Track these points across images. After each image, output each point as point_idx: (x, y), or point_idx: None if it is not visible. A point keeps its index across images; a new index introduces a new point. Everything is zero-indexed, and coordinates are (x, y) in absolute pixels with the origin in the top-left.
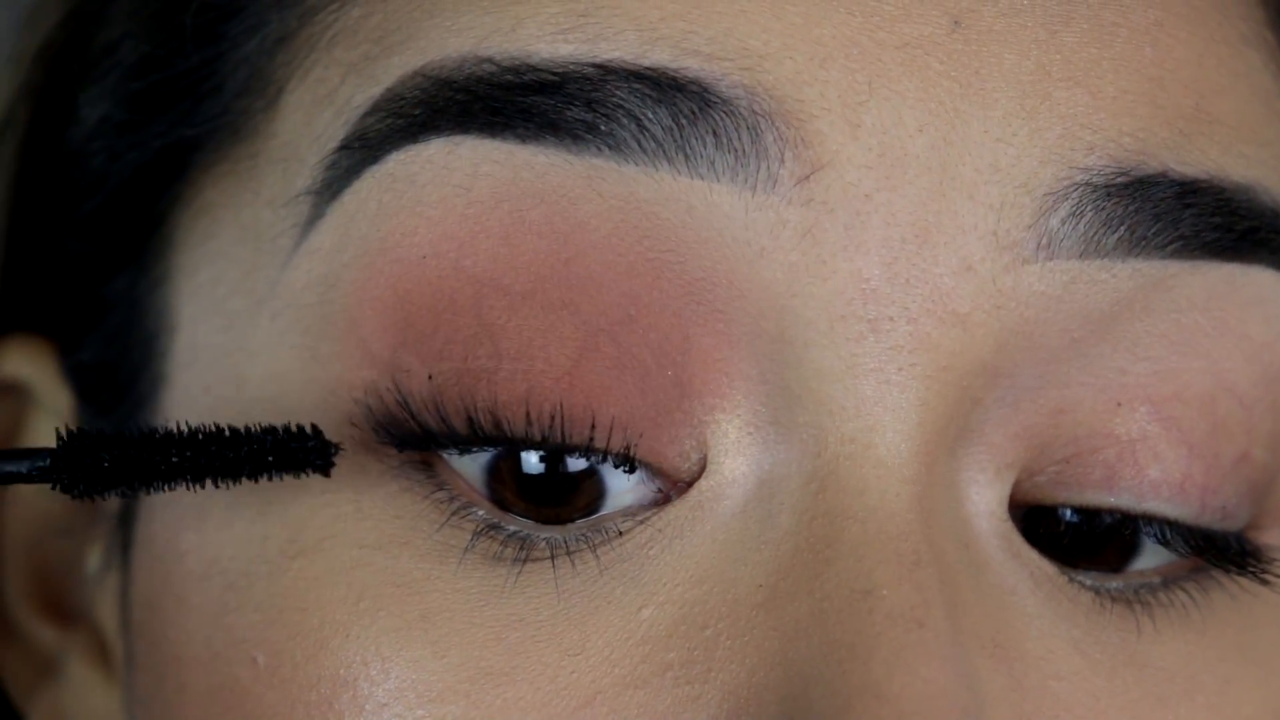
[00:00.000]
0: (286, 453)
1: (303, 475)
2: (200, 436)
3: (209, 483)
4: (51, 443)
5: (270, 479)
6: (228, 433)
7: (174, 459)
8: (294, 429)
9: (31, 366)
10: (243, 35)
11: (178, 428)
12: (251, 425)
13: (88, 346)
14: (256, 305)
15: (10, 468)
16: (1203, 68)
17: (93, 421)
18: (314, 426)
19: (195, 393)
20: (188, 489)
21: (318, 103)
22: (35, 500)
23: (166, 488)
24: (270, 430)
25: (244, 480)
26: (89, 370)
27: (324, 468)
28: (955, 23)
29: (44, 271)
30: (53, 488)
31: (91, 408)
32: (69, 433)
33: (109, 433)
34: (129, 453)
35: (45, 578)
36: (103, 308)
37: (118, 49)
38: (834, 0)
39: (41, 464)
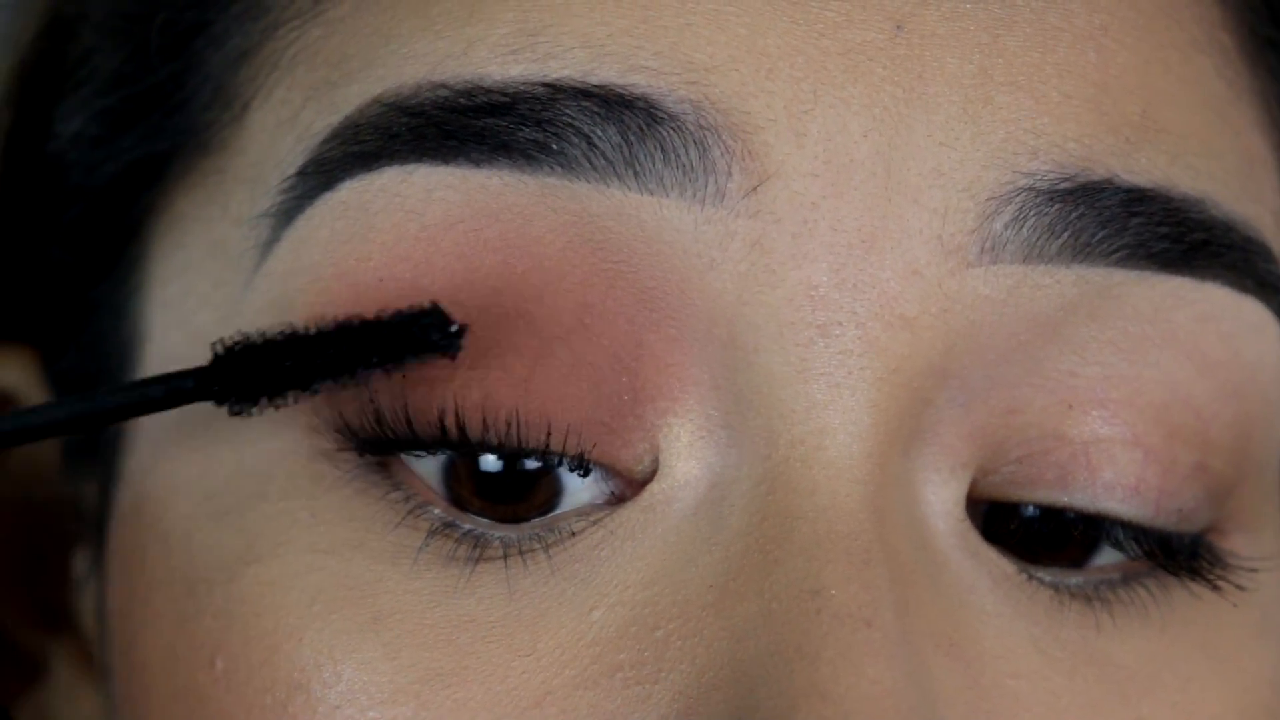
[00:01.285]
0: (417, 337)
1: (431, 358)
2: (337, 331)
3: (349, 376)
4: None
5: (405, 363)
6: (358, 324)
7: (319, 358)
8: (420, 310)
9: (17, 374)
10: (208, 49)
11: (309, 329)
12: (382, 312)
13: (70, 354)
14: (222, 320)
15: (179, 384)
16: (1149, 74)
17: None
18: (435, 304)
19: None
20: (335, 385)
21: (281, 125)
22: (23, 506)
23: (310, 392)
24: (399, 314)
25: (382, 370)
26: (71, 378)
27: (451, 346)
28: (898, 27)
29: (29, 279)
30: (215, 403)
31: None
32: (225, 346)
33: (254, 340)
34: (276, 357)
35: (33, 583)
36: (85, 316)
37: (90, 61)
38: (778, 10)
39: (187, 384)
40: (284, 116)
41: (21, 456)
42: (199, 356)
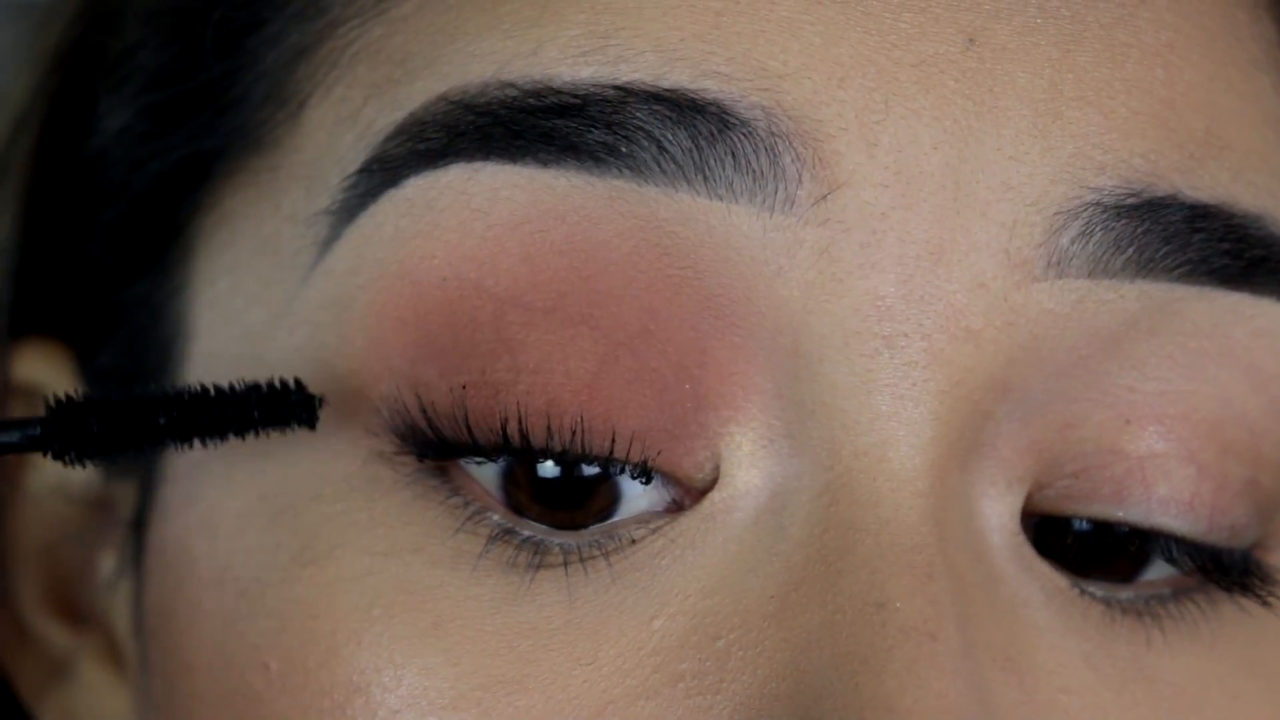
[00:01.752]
0: (272, 408)
1: (289, 430)
2: (186, 396)
3: (196, 442)
4: None
5: (258, 436)
6: (213, 392)
7: (161, 420)
8: (277, 383)
9: (49, 370)
10: (263, 48)
11: (164, 389)
12: (236, 382)
13: (105, 352)
14: (274, 319)
15: (2, 438)
16: (1214, 91)
17: None
18: (297, 380)
19: None
20: (177, 450)
21: (341, 123)
22: (50, 505)
23: (156, 449)
24: (255, 386)
25: (231, 438)
26: (106, 376)
27: (309, 420)
28: (970, 40)
29: (63, 276)
30: (44, 455)
31: None
32: (57, 400)
33: (97, 398)
34: (117, 417)
35: (58, 581)
36: (121, 313)
37: (135, 57)
38: (851, 19)
39: (33, 432)
40: (344, 114)
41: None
42: (248, 354)
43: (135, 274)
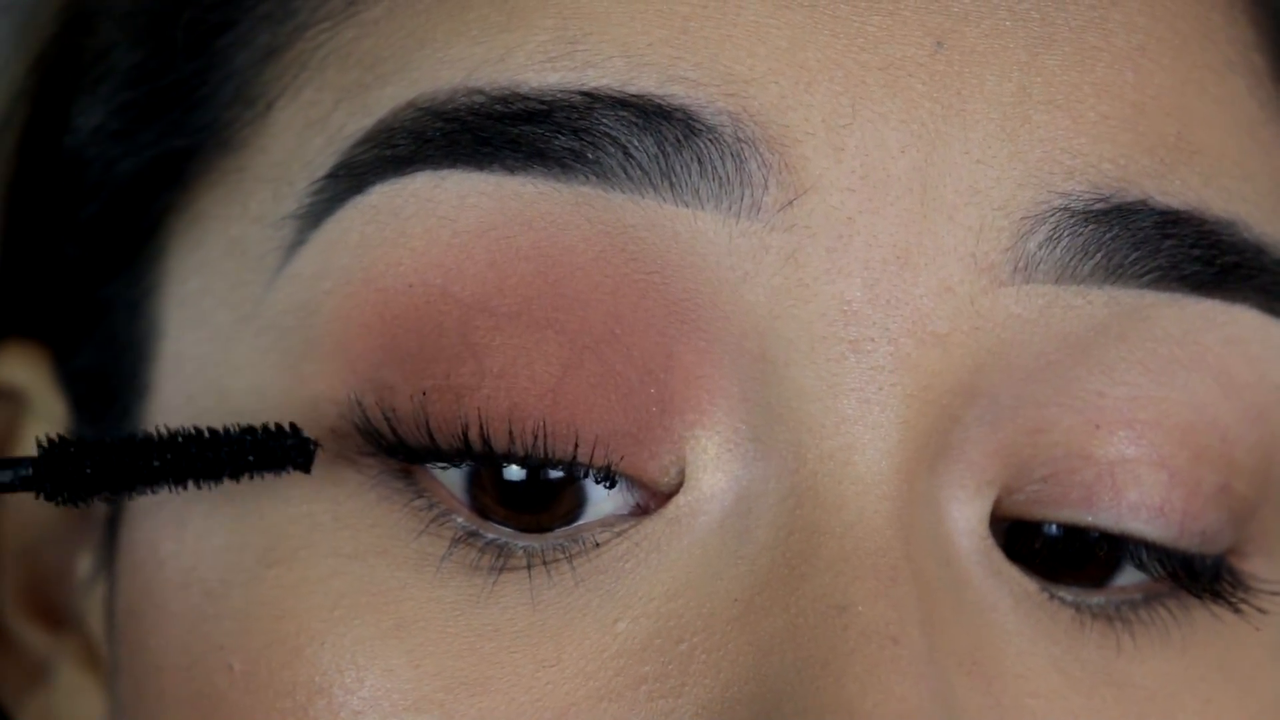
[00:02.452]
0: (266, 451)
1: (283, 473)
2: (180, 439)
3: (191, 484)
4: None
5: (252, 478)
6: (207, 434)
7: (155, 463)
8: (273, 428)
9: (26, 372)
10: (233, 48)
11: (158, 432)
12: (231, 426)
13: (83, 353)
14: (241, 321)
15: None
16: (1185, 95)
17: (84, 429)
18: (293, 425)
19: (178, 402)
20: (170, 492)
21: (310, 126)
22: (28, 508)
23: (149, 491)
24: (250, 430)
25: (226, 480)
26: (83, 377)
27: (304, 465)
28: (938, 44)
29: (42, 277)
30: (36, 496)
31: (83, 415)
32: (50, 440)
33: (90, 439)
34: (111, 458)
35: (37, 583)
36: (99, 314)
37: (109, 56)
38: (818, 23)
39: (24, 472)
40: (313, 117)
41: None
42: (216, 355)
43: (111, 273)
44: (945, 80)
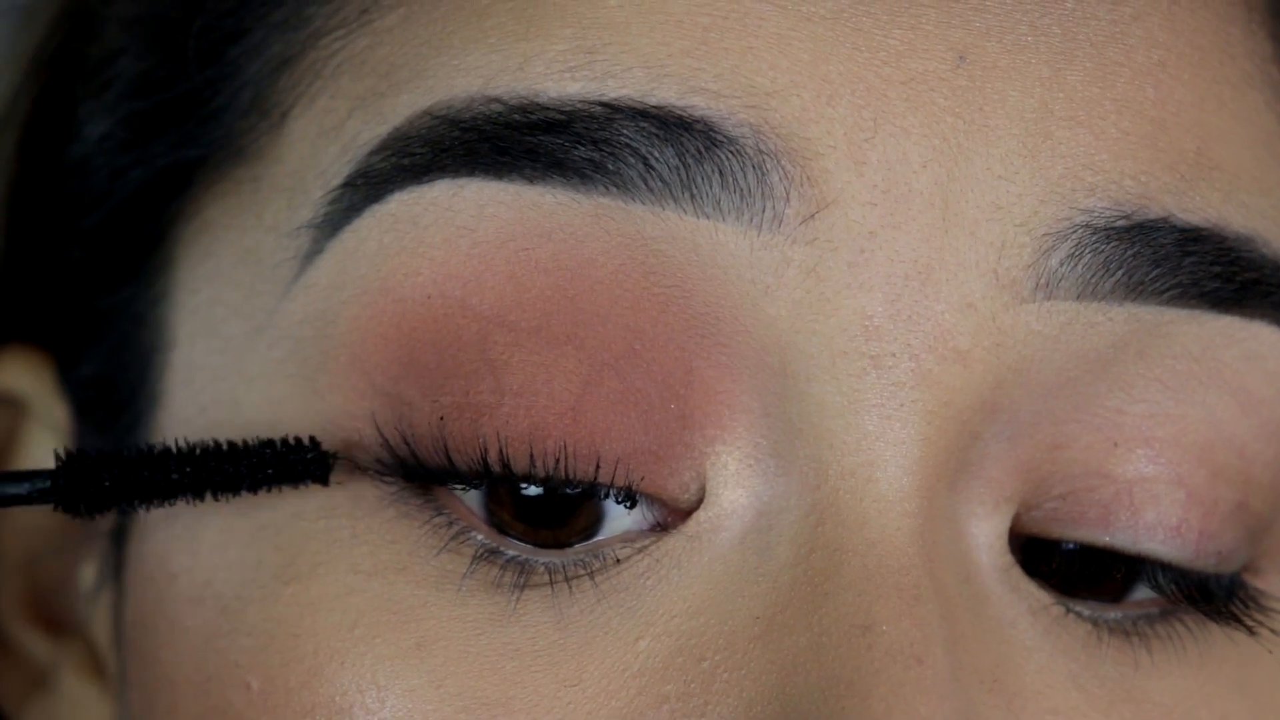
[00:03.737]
0: (285, 464)
1: (301, 486)
2: (198, 452)
3: (209, 497)
4: (45, 456)
5: (269, 491)
6: (225, 447)
7: (174, 476)
8: (291, 441)
9: (29, 379)
10: (246, 57)
11: (175, 444)
12: (249, 439)
13: (87, 361)
14: (255, 331)
15: (11, 490)
16: (1204, 110)
17: (89, 437)
18: (312, 438)
19: (191, 413)
20: (188, 505)
21: (324, 135)
22: (30, 517)
23: (167, 504)
24: (268, 443)
25: (244, 493)
26: (87, 385)
27: (322, 477)
28: (960, 58)
29: (45, 283)
30: (54, 508)
31: (89, 423)
32: (68, 453)
33: (108, 452)
34: (129, 471)
35: (38, 591)
36: (103, 322)
37: (115, 63)
38: (841, 36)
39: (42, 485)
40: (328, 125)
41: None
42: (228, 366)
43: (117, 282)
44: (967, 95)
